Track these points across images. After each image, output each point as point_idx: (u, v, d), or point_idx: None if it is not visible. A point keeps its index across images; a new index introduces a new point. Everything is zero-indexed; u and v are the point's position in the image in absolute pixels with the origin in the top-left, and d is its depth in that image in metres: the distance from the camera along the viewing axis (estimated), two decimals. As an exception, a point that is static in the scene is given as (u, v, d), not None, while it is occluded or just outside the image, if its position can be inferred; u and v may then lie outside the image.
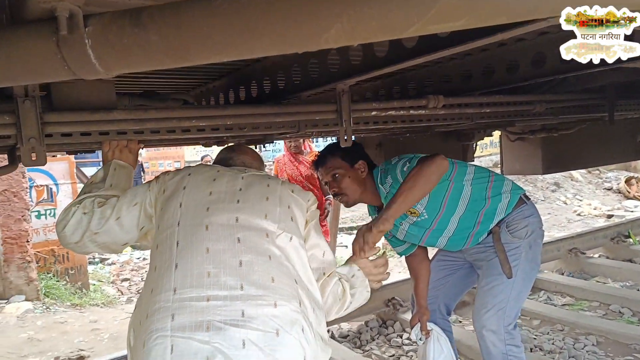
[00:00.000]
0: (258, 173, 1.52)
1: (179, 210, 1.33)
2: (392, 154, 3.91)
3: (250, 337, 1.11)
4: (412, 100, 2.02)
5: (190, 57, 0.75)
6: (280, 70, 2.09)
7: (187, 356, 1.08)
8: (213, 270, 1.20)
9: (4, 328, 4.56)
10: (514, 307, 2.08)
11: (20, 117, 1.22)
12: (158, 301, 1.17)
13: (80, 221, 1.35)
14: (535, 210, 2.19)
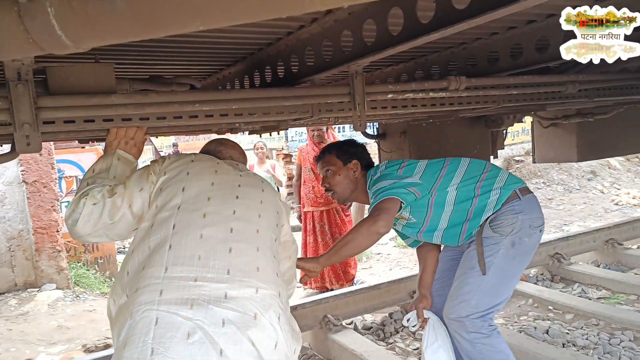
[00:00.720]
0: (253, 175, 1.64)
1: (181, 195, 1.40)
2: (417, 142, 3.79)
3: (229, 316, 1.20)
4: (432, 81, 1.90)
5: (162, 26, 0.67)
6: (294, 54, 2.00)
7: (170, 330, 1.15)
8: (204, 254, 1.29)
9: (35, 315, 4.67)
10: (481, 300, 2.02)
11: (12, 102, 1.18)
12: (149, 277, 1.25)
13: (92, 213, 1.37)
14: (529, 207, 2.09)
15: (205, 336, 1.16)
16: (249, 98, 1.61)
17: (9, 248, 5.20)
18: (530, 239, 2.07)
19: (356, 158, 2.24)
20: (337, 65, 1.71)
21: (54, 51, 0.72)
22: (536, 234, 2.10)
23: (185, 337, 1.15)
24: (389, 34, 1.51)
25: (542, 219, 2.15)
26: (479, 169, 2.19)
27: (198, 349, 1.14)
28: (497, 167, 2.25)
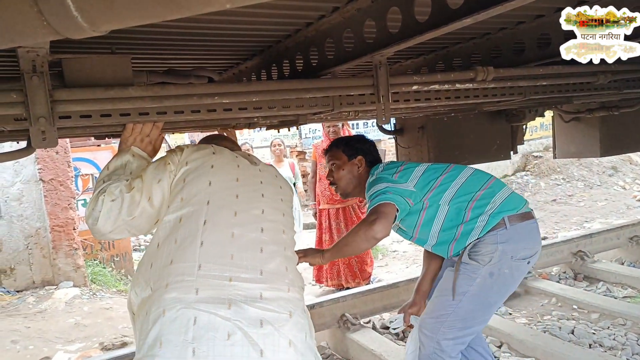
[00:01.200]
0: (268, 168, 1.65)
1: (209, 189, 1.39)
2: (436, 137, 3.71)
3: (267, 317, 1.22)
4: (458, 72, 1.82)
5: (185, 5, 0.62)
6: (313, 46, 1.94)
7: (209, 330, 1.15)
8: (236, 254, 1.30)
9: (53, 313, 4.69)
10: (454, 324, 1.99)
11: (28, 94, 1.14)
12: (181, 273, 1.24)
13: (111, 209, 1.34)
14: (515, 237, 1.96)
15: (245, 337, 1.17)
16: (270, 90, 1.55)
17: (26, 246, 5.23)
18: (511, 271, 1.96)
19: (362, 154, 2.22)
20: (359, 56, 1.64)
21: (69, 35, 0.67)
22: (521, 265, 1.99)
23: (226, 338, 1.15)
24: (416, 22, 1.44)
25: (532, 250, 2.02)
26: (478, 184, 2.08)
27: (239, 350, 1.15)
28: (499, 184, 2.12)
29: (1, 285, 5.13)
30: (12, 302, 4.81)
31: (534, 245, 2.03)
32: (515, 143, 4.38)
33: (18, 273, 5.22)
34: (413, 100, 1.96)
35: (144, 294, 1.28)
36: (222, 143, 1.72)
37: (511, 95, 2.18)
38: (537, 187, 8.19)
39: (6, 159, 1.35)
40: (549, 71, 2.00)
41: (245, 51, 2.25)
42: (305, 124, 2.14)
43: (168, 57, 2.05)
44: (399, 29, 1.51)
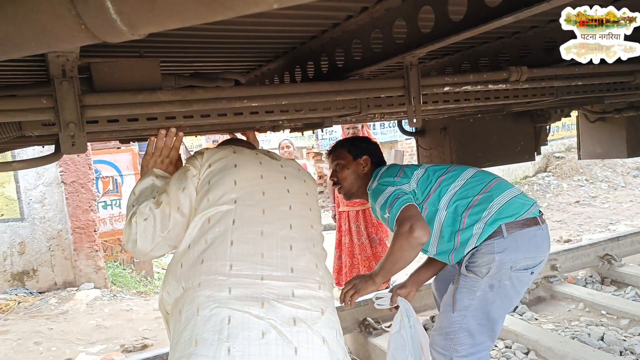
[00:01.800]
0: (290, 163, 1.63)
1: (234, 189, 1.39)
2: (458, 138, 3.64)
3: (300, 315, 1.22)
4: (491, 73, 1.76)
5: (230, 6, 0.58)
6: (339, 47, 1.90)
7: (244, 329, 1.15)
8: (267, 252, 1.30)
9: (75, 315, 4.73)
10: (463, 340, 1.91)
11: (57, 100, 1.12)
12: (213, 273, 1.25)
13: (146, 229, 1.37)
14: (513, 246, 1.84)
15: (279, 335, 1.17)
16: (299, 93, 1.52)
17: (49, 248, 5.29)
18: (512, 282, 1.86)
19: (367, 154, 2.17)
20: (389, 56, 1.60)
21: (108, 39, 0.64)
22: (522, 276, 1.88)
23: (260, 337, 1.15)
24: (450, 21, 1.39)
25: (534, 259, 1.89)
26: (478, 187, 1.97)
27: (274, 349, 1.15)
28: (500, 187, 1.99)
29: (24, 286, 5.20)
30: (34, 304, 4.87)
31: (538, 254, 1.90)
32: (539, 144, 4.29)
33: (40, 274, 5.28)
34: (442, 101, 1.91)
35: (176, 293, 1.29)
36: (240, 144, 1.72)
37: (542, 96, 2.11)
38: (560, 189, 8.03)
39: (35, 164, 1.34)
40: (585, 70, 1.93)
41: (268, 53, 2.22)
42: (330, 126, 2.10)
43: (192, 60, 2.03)
44: (432, 28, 1.47)
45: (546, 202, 7.72)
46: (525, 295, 4.00)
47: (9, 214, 5.19)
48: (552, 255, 4.30)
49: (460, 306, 1.90)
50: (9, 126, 1.21)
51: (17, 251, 5.19)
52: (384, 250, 4.56)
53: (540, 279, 4.11)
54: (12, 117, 1.12)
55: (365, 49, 1.76)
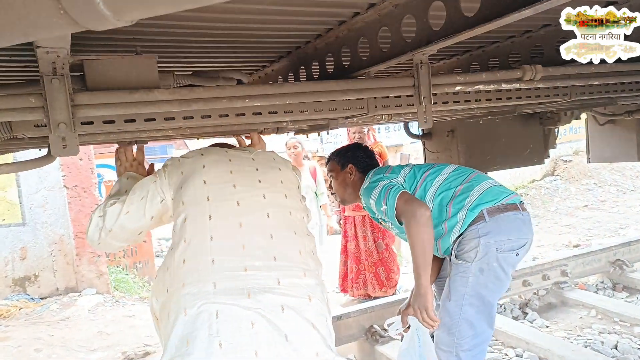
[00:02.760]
0: (263, 153, 1.65)
1: (205, 187, 1.40)
2: (466, 141, 3.56)
3: (287, 302, 1.24)
4: (505, 72, 1.69)
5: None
6: (345, 46, 1.83)
7: (233, 321, 1.17)
8: (248, 243, 1.31)
9: (76, 321, 4.67)
10: (466, 334, 1.97)
11: (47, 99, 1.05)
12: (195, 270, 1.26)
13: (97, 224, 1.48)
14: (496, 229, 1.93)
15: (269, 324, 1.19)
16: (304, 92, 1.45)
17: (50, 253, 5.23)
18: (499, 263, 1.93)
19: (351, 162, 2.28)
20: (398, 54, 1.53)
21: (90, 25, 0.57)
22: (508, 257, 1.95)
23: (250, 327, 1.17)
24: (463, 16, 1.32)
25: (518, 241, 1.96)
26: (459, 179, 2.08)
27: (265, 337, 1.17)
28: (479, 178, 2.09)
29: (25, 292, 5.14)
30: (36, 310, 4.81)
31: (520, 236, 1.98)
32: (547, 147, 4.21)
33: (42, 280, 5.22)
34: (452, 102, 1.84)
35: (162, 297, 1.31)
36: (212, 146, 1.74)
37: (556, 96, 2.04)
38: (568, 193, 7.92)
39: (25, 168, 1.27)
40: (602, 69, 1.85)
41: (272, 53, 2.16)
42: (335, 128, 2.03)
43: (193, 59, 1.97)
44: (443, 24, 1.39)
45: (554, 206, 7.61)
46: (536, 302, 3.91)
47: (11, 219, 5.14)
48: (562, 261, 4.20)
49: (456, 295, 1.97)
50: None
51: (19, 256, 5.13)
52: (390, 255, 4.48)
53: (550, 284, 4.02)
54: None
55: (372, 47, 1.69)
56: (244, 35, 1.78)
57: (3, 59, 1.50)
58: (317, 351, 1.23)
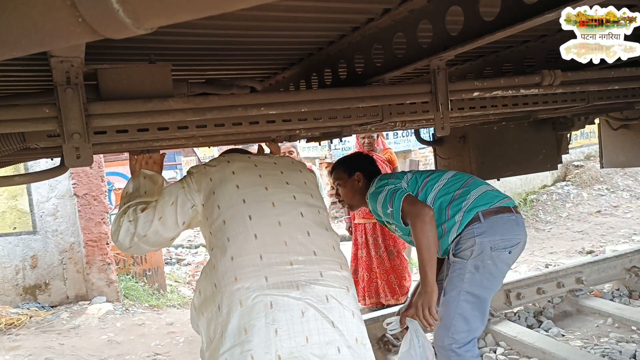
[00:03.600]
0: (283, 157, 1.73)
1: (239, 191, 1.49)
2: (478, 147, 3.52)
3: (330, 292, 1.36)
4: (523, 77, 1.65)
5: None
6: (358, 52, 1.81)
7: (286, 311, 1.29)
8: (288, 240, 1.41)
9: (86, 329, 4.65)
10: (461, 329, 2.09)
11: (61, 108, 1.03)
12: (246, 266, 1.35)
13: (129, 229, 1.50)
14: (490, 229, 2.07)
15: (317, 312, 1.31)
16: (319, 99, 1.42)
17: (61, 261, 5.24)
18: (493, 261, 2.07)
19: (359, 170, 2.38)
20: (414, 60, 1.50)
21: (108, 34, 0.55)
22: (502, 255, 2.09)
23: (301, 316, 1.29)
24: (482, 21, 1.29)
25: (510, 241, 2.10)
26: (457, 184, 2.22)
27: (314, 325, 1.29)
28: (476, 183, 2.24)
29: (36, 300, 5.14)
30: (46, 318, 4.80)
31: (512, 236, 2.11)
32: (560, 152, 4.15)
33: (52, 288, 5.22)
34: (468, 108, 1.80)
35: (207, 292, 1.41)
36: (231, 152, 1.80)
37: (573, 102, 2.00)
38: (580, 198, 7.82)
39: (39, 178, 1.25)
40: (622, 74, 1.81)
41: (284, 60, 2.14)
42: (348, 135, 2.00)
43: (204, 66, 1.96)
44: (461, 30, 1.37)
45: (566, 211, 7.51)
46: (550, 310, 3.84)
47: (22, 227, 5.15)
48: (576, 268, 4.13)
49: (453, 291, 2.10)
50: (11, 137, 1.13)
51: (29, 264, 5.14)
52: (402, 263, 4.43)
53: (565, 292, 3.95)
54: (12, 127, 1.04)
55: (387, 53, 1.67)
56: (257, 42, 1.76)
57: (14, 68, 1.49)
58: (357, 337, 1.36)
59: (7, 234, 5.11)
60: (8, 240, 5.10)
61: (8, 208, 5.12)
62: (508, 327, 3.44)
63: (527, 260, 5.94)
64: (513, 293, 3.74)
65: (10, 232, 5.12)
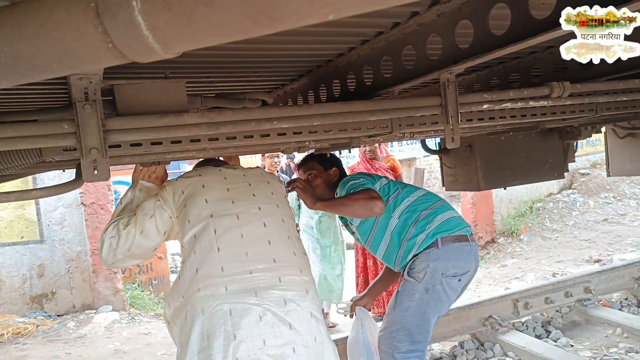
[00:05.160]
0: (253, 169, 1.82)
1: (207, 205, 1.59)
2: (484, 156, 3.52)
3: (288, 296, 1.45)
4: (532, 89, 1.66)
5: (279, 18, 0.50)
6: (367, 65, 1.83)
7: (244, 316, 1.37)
8: (249, 251, 1.51)
9: (93, 338, 4.66)
10: (404, 339, 2.21)
11: (80, 124, 1.05)
12: (208, 276, 1.45)
13: (111, 245, 1.58)
14: (445, 256, 2.18)
15: (274, 316, 1.40)
16: (331, 113, 1.44)
17: (67, 270, 5.26)
18: (443, 287, 2.19)
19: (336, 166, 2.52)
20: (423, 73, 1.51)
21: (138, 58, 0.57)
22: (451, 282, 2.20)
23: (258, 320, 1.38)
24: (492, 35, 1.31)
25: (462, 269, 2.22)
26: (426, 204, 2.32)
27: (271, 327, 1.38)
28: (444, 207, 2.34)
29: (43, 309, 5.15)
30: (53, 327, 4.81)
31: (464, 264, 2.23)
32: (566, 161, 4.15)
33: (59, 297, 5.24)
34: (476, 119, 1.82)
35: (176, 303, 1.50)
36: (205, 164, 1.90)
37: (581, 112, 2.00)
38: (586, 206, 7.78)
39: (55, 192, 1.27)
40: (630, 85, 1.82)
41: (293, 71, 2.16)
42: (357, 146, 2.02)
43: (215, 80, 1.98)
44: (471, 43, 1.38)
45: (572, 220, 7.48)
46: (559, 320, 3.82)
47: (29, 236, 5.18)
48: (584, 277, 4.12)
49: (401, 307, 2.23)
50: (29, 152, 1.15)
51: (37, 273, 5.16)
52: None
53: (573, 302, 3.93)
54: (32, 143, 1.05)
55: (396, 66, 1.68)
56: (266, 55, 1.78)
57: (31, 84, 1.51)
58: (315, 336, 1.45)
59: (14, 243, 5.14)
60: (15, 249, 5.12)
61: (16, 217, 5.15)
62: (516, 337, 3.43)
63: (534, 269, 5.91)
64: (521, 302, 3.73)
65: (17, 241, 5.14)
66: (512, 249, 6.97)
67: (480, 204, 7.14)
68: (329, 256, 4.49)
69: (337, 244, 4.55)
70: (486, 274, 6.21)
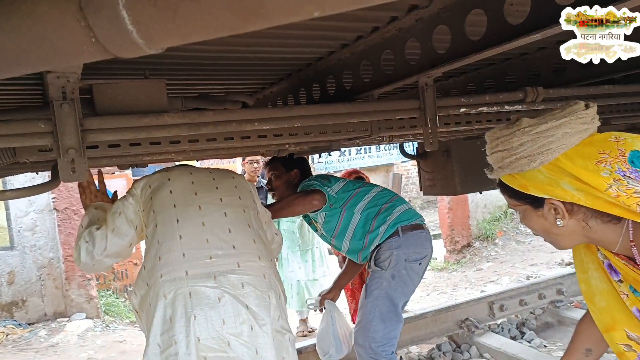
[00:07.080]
0: (220, 169, 1.89)
1: (171, 196, 1.65)
2: (461, 161, 3.58)
3: (246, 280, 1.52)
4: (507, 94, 1.71)
5: (265, 14, 0.51)
6: (347, 69, 1.84)
7: (203, 299, 1.45)
8: (210, 238, 1.58)
9: (65, 347, 4.54)
10: (378, 328, 2.35)
11: (57, 124, 1.03)
12: (170, 263, 1.51)
13: (87, 248, 1.63)
14: (406, 243, 2.37)
15: (232, 298, 1.47)
16: (312, 115, 1.44)
17: (39, 277, 5.12)
18: (407, 271, 2.37)
19: (297, 168, 2.64)
20: (402, 77, 1.54)
21: (121, 54, 0.57)
22: (414, 266, 2.39)
23: (217, 301, 1.45)
24: (468, 40, 1.34)
25: (421, 254, 2.41)
26: (384, 199, 2.51)
27: (230, 308, 1.45)
28: (400, 200, 2.55)
29: (13, 317, 5.00)
30: (23, 336, 4.67)
31: (422, 250, 2.43)
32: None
33: (30, 305, 5.09)
34: (454, 123, 1.85)
35: (142, 291, 1.55)
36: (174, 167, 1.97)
37: (554, 117, 2.06)
38: (558, 210, 7.99)
39: (30, 193, 1.24)
40: (600, 91, 1.88)
41: (273, 75, 2.16)
42: (337, 149, 2.03)
43: (195, 81, 1.97)
44: (449, 48, 1.41)
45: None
46: (533, 321, 3.90)
47: (-1, 243, 5.03)
48: (557, 280, 4.21)
49: (372, 296, 2.37)
50: (2, 153, 1.12)
51: (6, 281, 5.01)
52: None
53: (546, 304, 4.01)
54: (6, 142, 1.03)
55: (375, 70, 1.70)
56: (246, 57, 1.78)
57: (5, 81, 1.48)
58: (273, 315, 1.53)
59: (-17, 249, 4.98)
60: (-16, 256, 4.97)
61: (-15, 223, 5.00)
62: (492, 338, 3.48)
63: (509, 272, 6.02)
64: (496, 305, 3.79)
65: (-14, 248, 4.99)
66: (487, 253, 7.09)
67: (457, 209, 7.25)
68: (311, 260, 4.48)
69: (319, 247, 4.55)
70: (462, 277, 6.30)
